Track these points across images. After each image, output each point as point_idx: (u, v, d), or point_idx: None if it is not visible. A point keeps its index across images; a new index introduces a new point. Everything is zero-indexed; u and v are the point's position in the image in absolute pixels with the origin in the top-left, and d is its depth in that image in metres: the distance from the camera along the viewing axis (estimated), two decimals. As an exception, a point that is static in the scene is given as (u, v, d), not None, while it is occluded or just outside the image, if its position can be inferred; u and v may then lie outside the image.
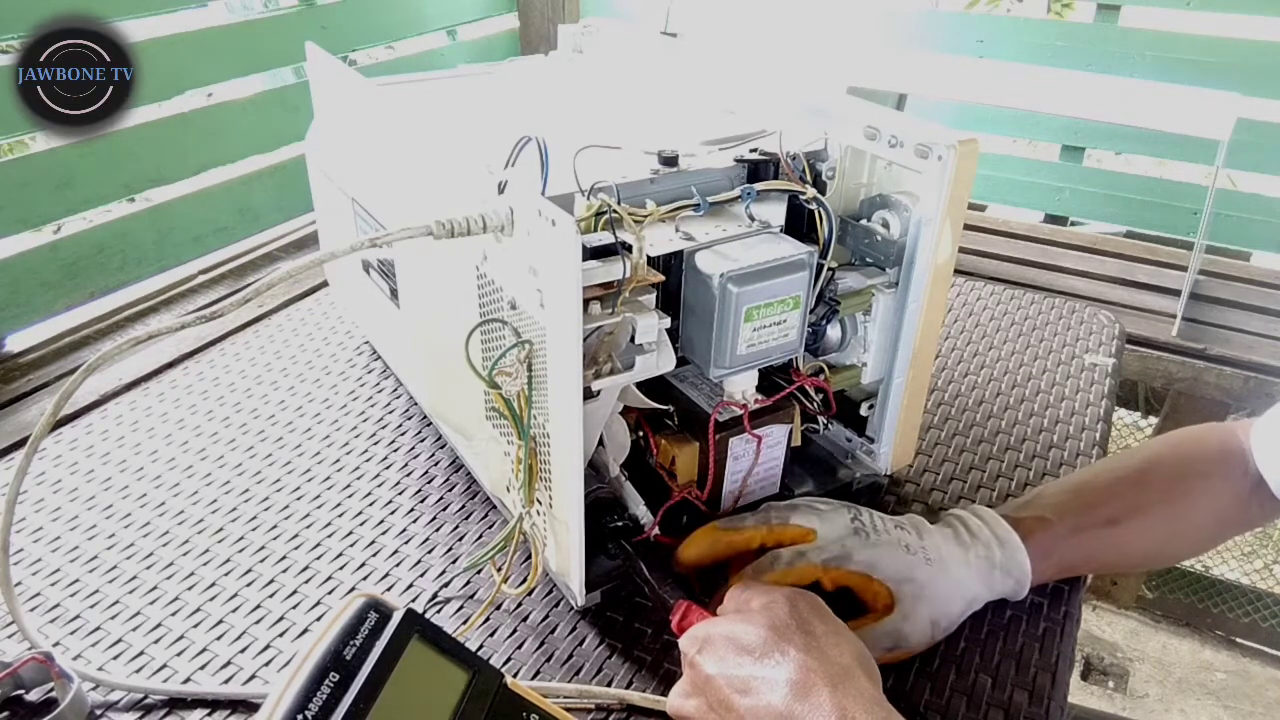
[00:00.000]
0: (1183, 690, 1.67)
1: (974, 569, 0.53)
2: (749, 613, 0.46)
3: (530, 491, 0.52)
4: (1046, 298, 0.97)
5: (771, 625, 0.44)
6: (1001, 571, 0.54)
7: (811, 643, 0.43)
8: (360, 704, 0.36)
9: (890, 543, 0.53)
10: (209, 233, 1.09)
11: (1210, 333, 1.27)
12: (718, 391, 0.58)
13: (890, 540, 0.53)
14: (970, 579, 0.53)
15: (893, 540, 0.53)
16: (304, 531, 0.63)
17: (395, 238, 0.47)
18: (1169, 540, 0.60)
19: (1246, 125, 1.20)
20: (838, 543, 0.52)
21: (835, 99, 0.58)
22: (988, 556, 0.54)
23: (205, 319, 0.47)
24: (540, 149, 0.49)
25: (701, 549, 0.55)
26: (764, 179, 0.55)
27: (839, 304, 0.56)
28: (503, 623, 0.56)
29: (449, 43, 1.50)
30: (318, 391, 0.79)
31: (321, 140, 0.75)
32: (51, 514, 0.64)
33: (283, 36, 1.16)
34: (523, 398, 0.49)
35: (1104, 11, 1.46)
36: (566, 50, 0.83)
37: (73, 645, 0.54)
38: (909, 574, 0.52)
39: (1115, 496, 0.58)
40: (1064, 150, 1.58)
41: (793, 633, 0.43)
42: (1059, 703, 0.52)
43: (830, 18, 1.57)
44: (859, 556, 0.52)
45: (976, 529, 0.55)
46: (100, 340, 0.95)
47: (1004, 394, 0.81)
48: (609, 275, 0.47)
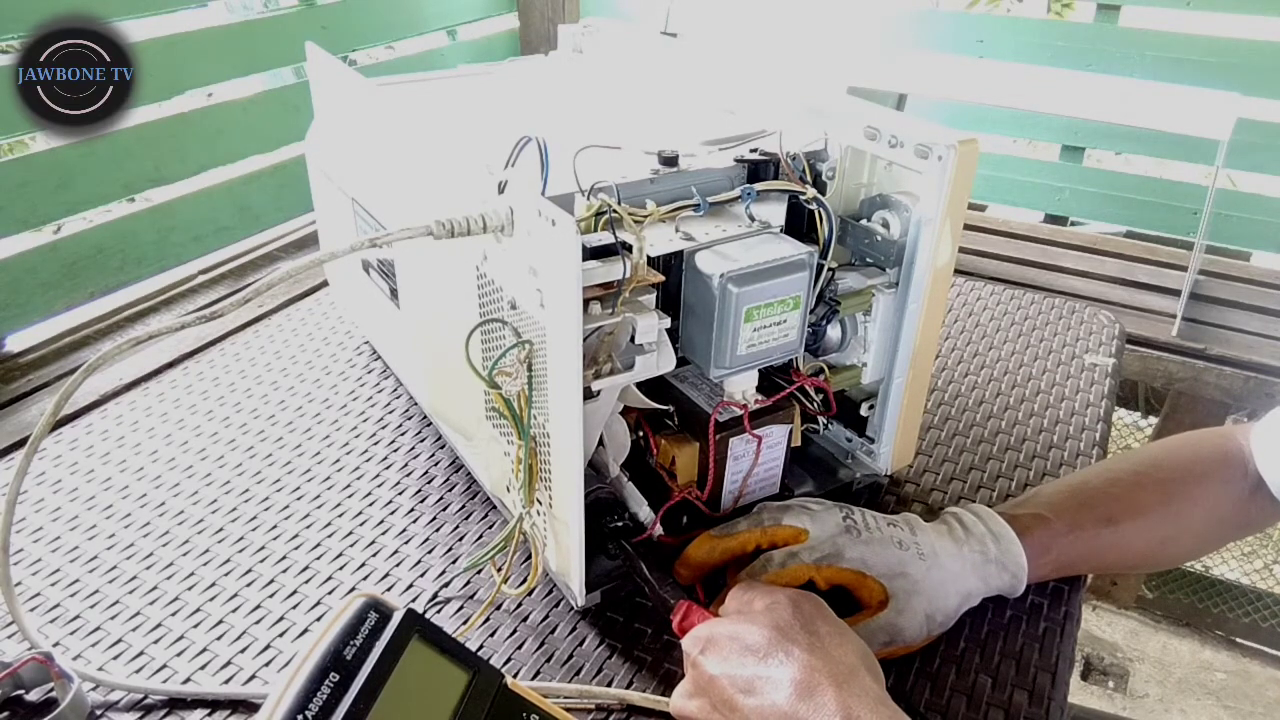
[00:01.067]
0: (1183, 690, 1.67)
1: (968, 563, 0.53)
2: (752, 613, 0.46)
3: (530, 491, 0.52)
4: (1046, 298, 0.97)
5: (775, 625, 0.44)
6: (997, 566, 0.54)
7: (815, 642, 0.43)
8: (360, 704, 0.36)
9: (882, 539, 0.53)
10: (209, 233, 1.09)
11: (1210, 333, 1.27)
12: (718, 391, 0.58)
13: (882, 537, 0.53)
14: (964, 573, 0.53)
15: (885, 537, 0.53)
16: (304, 532, 0.63)
17: (395, 238, 0.47)
18: (1167, 541, 0.60)
19: (1246, 125, 1.20)
20: (829, 541, 0.53)
21: (835, 99, 0.58)
22: (982, 551, 0.54)
23: (205, 319, 0.47)
24: (540, 149, 0.49)
25: (700, 557, 0.55)
26: (764, 179, 0.55)
27: (839, 304, 0.56)
28: (503, 623, 0.56)
29: (449, 43, 1.50)
30: (318, 391, 0.79)
31: (321, 140, 0.75)
32: (51, 514, 0.64)
33: (283, 36, 1.16)
34: (523, 398, 0.49)
35: (1104, 11, 1.46)
36: (566, 50, 0.83)
37: (73, 645, 0.54)
38: (901, 569, 0.52)
39: (1112, 497, 0.58)
40: (1064, 150, 1.58)
41: (796, 632, 0.43)
42: (1059, 703, 0.52)
43: (830, 18, 1.57)
44: (851, 554, 0.52)
45: (971, 524, 0.55)
46: (100, 340, 0.95)
47: (1004, 394, 0.80)
48: (609, 275, 0.47)
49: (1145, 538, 0.58)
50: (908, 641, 0.51)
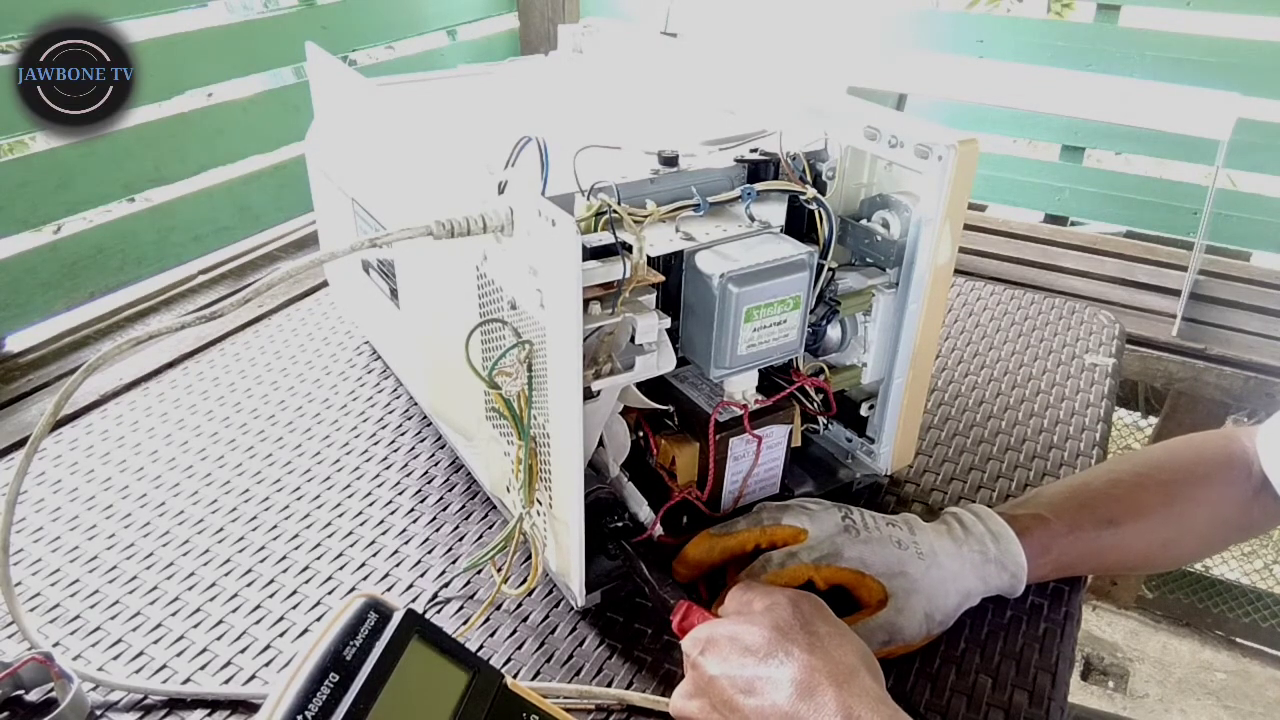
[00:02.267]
0: (1183, 690, 1.67)
1: (967, 563, 0.53)
2: (752, 614, 0.46)
3: (530, 491, 0.52)
4: (1046, 298, 0.97)
5: (775, 626, 0.44)
6: (996, 565, 0.54)
7: (815, 643, 0.43)
8: (360, 704, 0.36)
9: (881, 539, 0.53)
10: (209, 233, 1.09)
11: (1210, 333, 1.27)
12: (718, 391, 0.58)
13: (881, 537, 0.53)
14: (964, 572, 0.53)
15: (883, 537, 0.53)
16: (304, 532, 0.63)
17: (395, 238, 0.47)
18: (1169, 543, 0.60)
19: (1246, 125, 1.21)
20: (828, 541, 0.53)
21: (835, 99, 0.58)
22: (981, 550, 0.54)
23: (205, 319, 0.47)
24: (540, 149, 0.49)
25: (699, 556, 0.55)
26: (764, 179, 0.55)
27: (839, 304, 0.56)
28: (503, 623, 0.56)
29: (449, 43, 1.50)
30: (318, 391, 0.78)
31: (321, 140, 0.75)
32: (51, 514, 0.64)
33: (283, 36, 1.16)
34: (523, 398, 0.49)
35: (1104, 11, 1.46)
36: (566, 50, 0.83)
37: (73, 645, 0.54)
38: (900, 568, 0.52)
39: (1114, 499, 0.58)
40: (1064, 150, 1.58)
41: (796, 633, 0.43)
42: (1059, 703, 0.52)
43: (830, 18, 1.57)
44: (849, 553, 0.52)
45: (970, 524, 0.55)
46: (100, 340, 0.95)
47: (1004, 394, 0.80)
48: (609, 275, 0.47)
49: (1147, 539, 0.58)
50: (907, 640, 0.51)
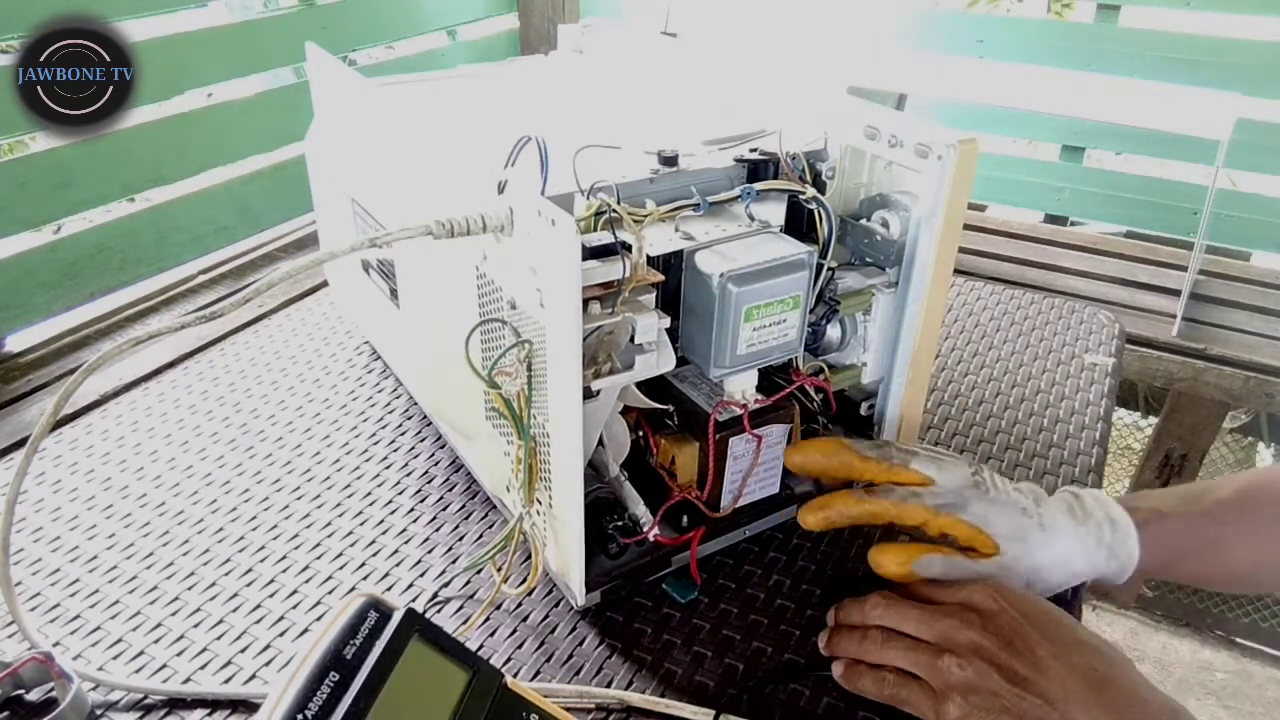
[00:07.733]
0: (1183, 690, 1.67)
1: (1083, 544, 0.53)
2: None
3: (530, 491, 0.52)
4: (1046, 298, 0.97)
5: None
6: (1108, 552, 0.53)
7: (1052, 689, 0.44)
8: (360, 704, 0.36)
9: (1008, 502, 0.52)
10: (209, 233, 1.09)
11: (1210, 333, 1.27)
12: (718, 391, 0.58)
13: (1008, 500, 0.53)
14: (1077, 553, 0.53)
15: (1010, 500, 0.53)
16: (304, 531, 0.63)
17: (395, 238, 0.47)
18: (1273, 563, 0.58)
19: (1246, 125, 1.21)
20: (955, 492, 0.52)
21: (835, 99, 0.58)
22: (1098, 535, 0.53)
23: (205, 319, 0.47)
24: (540, 149, 0.49)
25: (819, 454, 0.55)
26: (764, 179, 0.55)
27: (839, 304, 0.56)
28: (503, 623, 0.56)
29: (449, 43, 1.50)
30: (318, 391, 0.78)
31: (321, 140, 0.75)
32: (51, 514, 0.64)
33: (283, 36, 1.16)
34: (523, 398, 0.49)
35: (1104, 11, 1.46)
36: (566, 50, 0.83)
37: (73, 645, 0.54)
38: (1021, 535, 0.51)
39: (1221, 507, 0.57)
40: (1064, 150, 1.58)
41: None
42: (1059, 703, 0.52)
43: (830, 18, 1.57)
44: (974, 509, 0.52)
45: (1091, 507, 0.54)
46: (100, 340, 0.95)
47: (1004, 394, 0.80)
48: (609, 275, 0.46)
49: (1253, 553, 0.57)
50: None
